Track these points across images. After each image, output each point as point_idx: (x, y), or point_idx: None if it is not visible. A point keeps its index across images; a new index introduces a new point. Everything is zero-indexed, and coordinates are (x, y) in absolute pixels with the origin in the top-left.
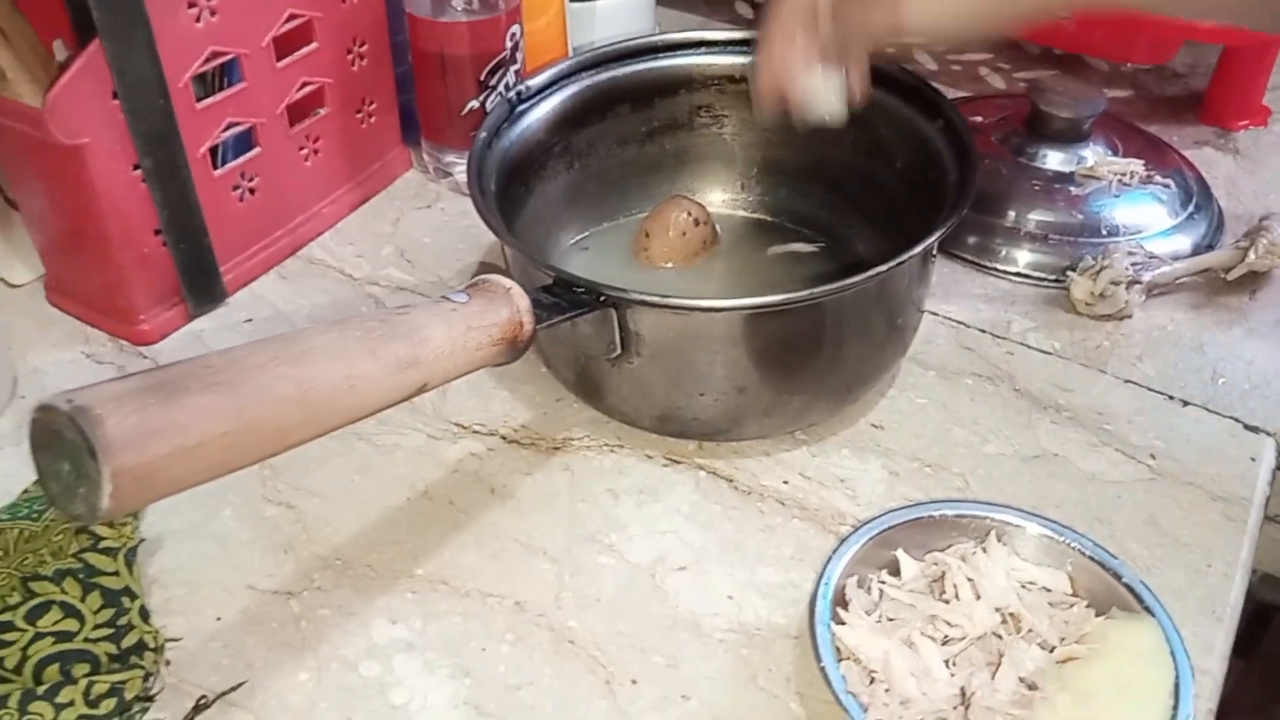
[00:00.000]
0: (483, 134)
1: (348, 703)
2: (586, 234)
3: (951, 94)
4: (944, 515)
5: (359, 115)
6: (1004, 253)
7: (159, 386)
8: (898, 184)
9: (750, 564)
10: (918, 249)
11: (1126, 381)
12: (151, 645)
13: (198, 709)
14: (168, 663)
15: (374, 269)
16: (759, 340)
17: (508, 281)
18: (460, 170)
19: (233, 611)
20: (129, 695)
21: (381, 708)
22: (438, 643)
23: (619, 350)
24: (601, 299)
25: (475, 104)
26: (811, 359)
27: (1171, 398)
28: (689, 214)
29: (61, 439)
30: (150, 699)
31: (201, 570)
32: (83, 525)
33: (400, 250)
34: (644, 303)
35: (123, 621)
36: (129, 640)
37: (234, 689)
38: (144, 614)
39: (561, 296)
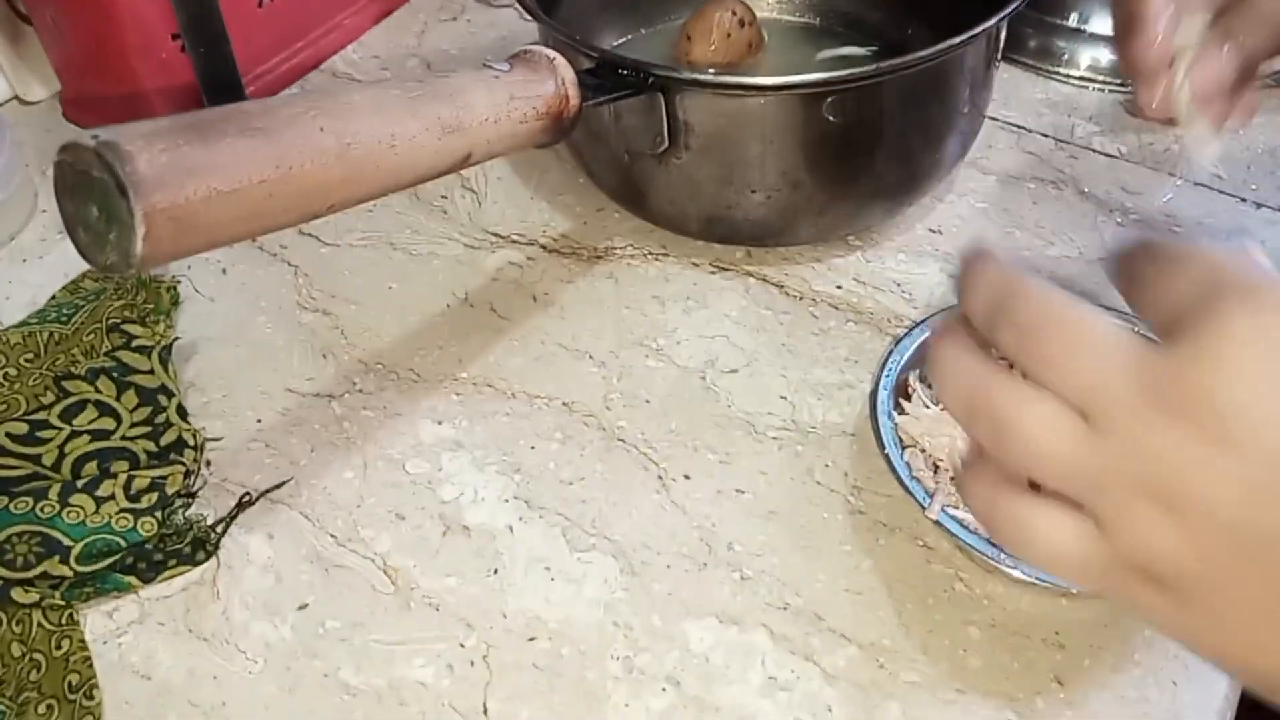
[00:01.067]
0: None
1: (395, 498)
2: (624, 40)
3: None
4: None
5: None
6: (1067, 55)
7: (193, 127)
8: None
9: (804, 366)
10: (984, 25)
11: (1196, 185)
12: (191, 443)
13: (241, 506)
14: (208, 463)
15: (398, 80)
16: (815, 128)
17: (551, 52)
18: None
19: (273, 414)
20: (170, 490)
21: (430, 502)
22: (485, 441)
23: (666, 143)
24: (650, 81)
25: None
26: (869, 151)
27: (1244, 200)
28: (734, 13)
29: (89, 179)
30: (193, 495)
31: (238, 374)
32: (117, 275)
33: (427, 63)
34: (695, 82)
35: (160, 419)
36: (168, 438)
37: (278, 486)
38: (181, 412)
39: (606, 78)
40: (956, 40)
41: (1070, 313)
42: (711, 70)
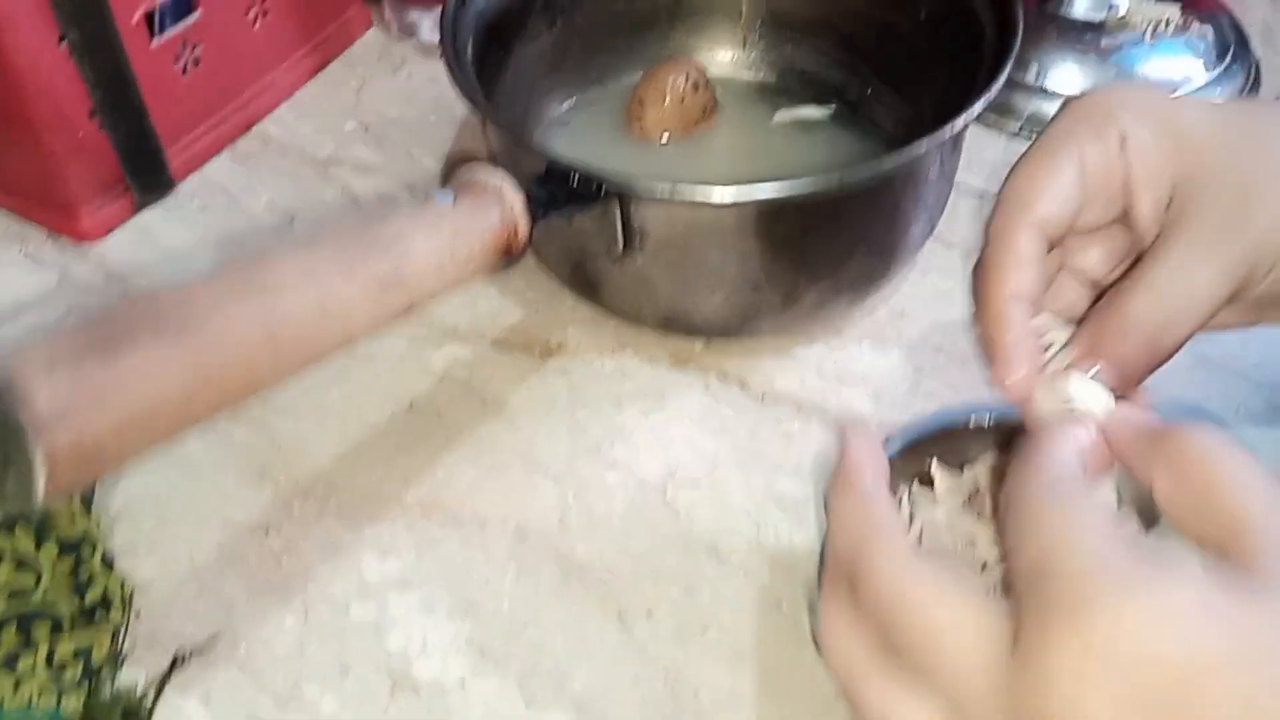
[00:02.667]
0: None
1: (339, 648)
2: (573, 100)
3: None
4: (979, 423)
5: None
6: (1029, 113)
7: (100, 341)
8: (920, 38)
9: (768, 474)
10: (948, 129)
11: None
12: (118, 597)
13: (175, 666)
14: (138, 613)
15: (338, 147)
16: (778, 232)
17: (498, 176)
18: (426, 29)
19: (207, 549)
20: (97, 658)
21: (377, 652)
22: (435, 576)
23: (621, 248)
24: (602, 190)
25: None
26: (835, 250)
27: None
28: (687, 77)
29: None
30: (121, 658)
31: (170, 501)
32: (13, 518)
33: (365, 125)
34: (651, 195)
35: (84, 574)
36: (93, 594)
37: (212, 640)
38: (108, 562)
39: (557, 187)
40: (921, 145)
41: (922, 601)
42: (665, 138)
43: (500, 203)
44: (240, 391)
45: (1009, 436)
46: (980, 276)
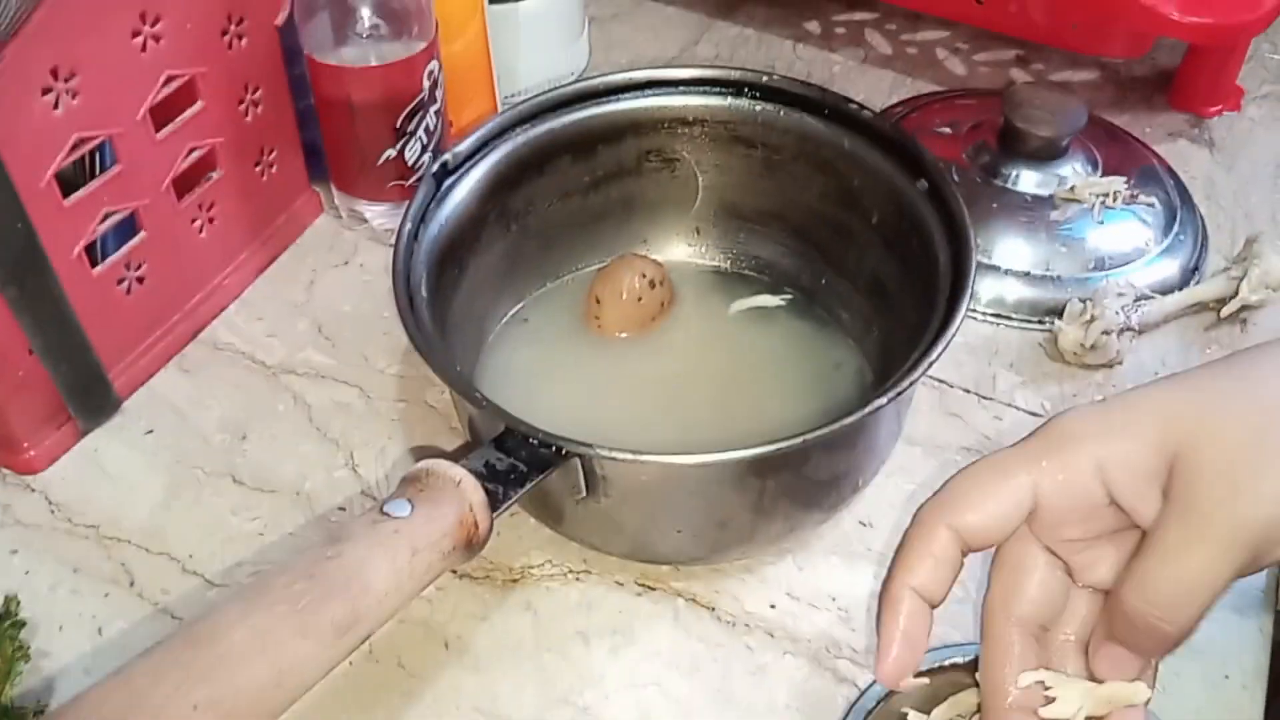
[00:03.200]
0: (407, 226)
1: None
2: (530, 298)
3: (911, 85)
4: (953, 662)
5: (258, 168)
6: (975, 290)
7: None
8: (874, 238)
9: (742, 717)
10: (908, 381)
11: None
12: None
13: None
14: None
15: (289, 351)
16: (745, 485)
17: (456, 471)
18: (378, 219)
19: None
20: None
21: None
22: None
23: (584, 494)
24: (564, 453)
25: (392, 153)
26: (803, 488)
27: None
28: (644, 275)
29: None
30: None
31: None
32: None
33: (317, 324)
34: (614, 459)
35: None
36: None
37: None
38: None
39: (516, 450)
40: (882, 401)
41: None
42: (624, 334)
43: (459, 501)
44: None
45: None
46: (893, 561)
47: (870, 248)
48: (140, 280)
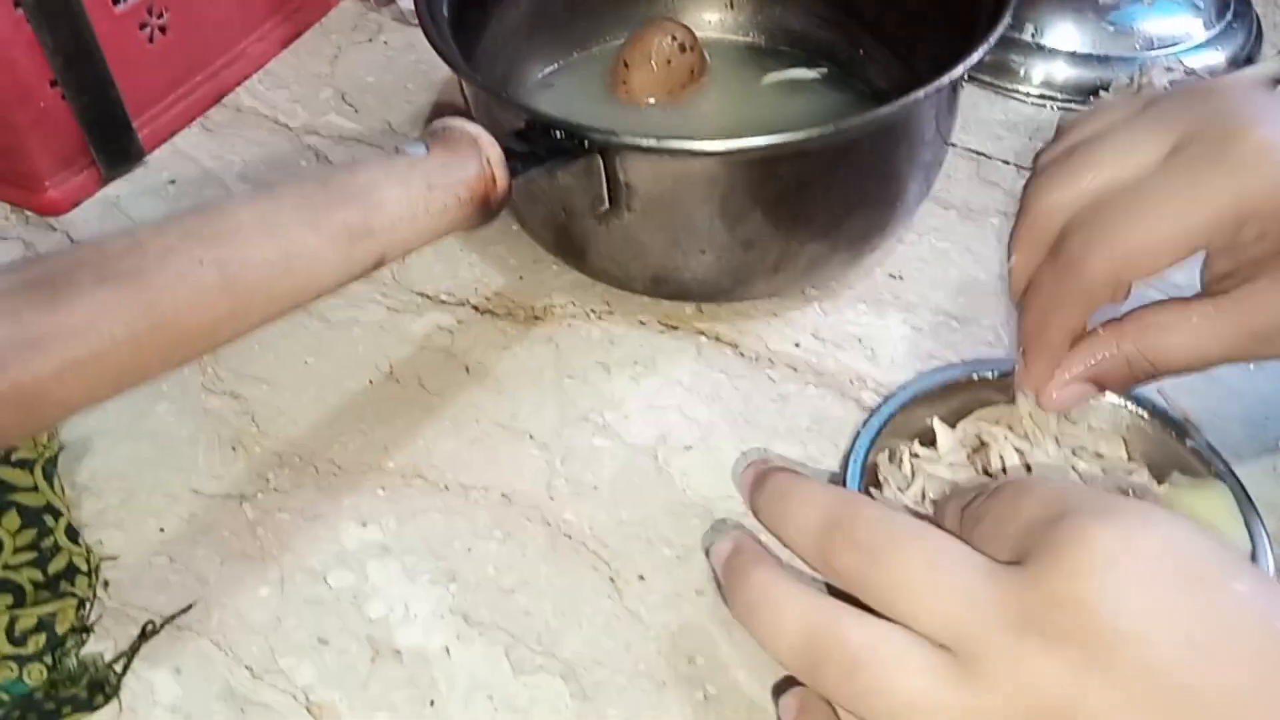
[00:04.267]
0: None
1: (317, 618)
2: (555, 66)
3: None
4: (982, 377)
5: None
6: (1024, 71)
7: (39, 283)
8: None
9: (764, 438)
10: (947, 76)
11: None
12: (84, 568)
13: (144, 637)
14: (105, 584)
15: (312, 116)
16: (770, 187)
17: (474, 128)
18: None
19: (177, 520)
20: (61, 628)
21: (357, 622)
22: (416, 544)
23: (607, 205)
24: (586, 144)
25: None
26: (828, 206)
27: None
28: (673, 38)
29: None
30: (87, 629)
31: (138, 474)
32: None
33: (341, 93)
34: (636, 147)
35: (47, 543)
36: (57, 564)
37: (184, 610)
38: (72, 533)
39: (538, 143)
40: (913, 96)
41: (920, 533)
42: (652, 99)
43: (477, 154)
44: (198, 341)
45: (1011, 390)
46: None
47: (910, 4)
48: (163, 30)
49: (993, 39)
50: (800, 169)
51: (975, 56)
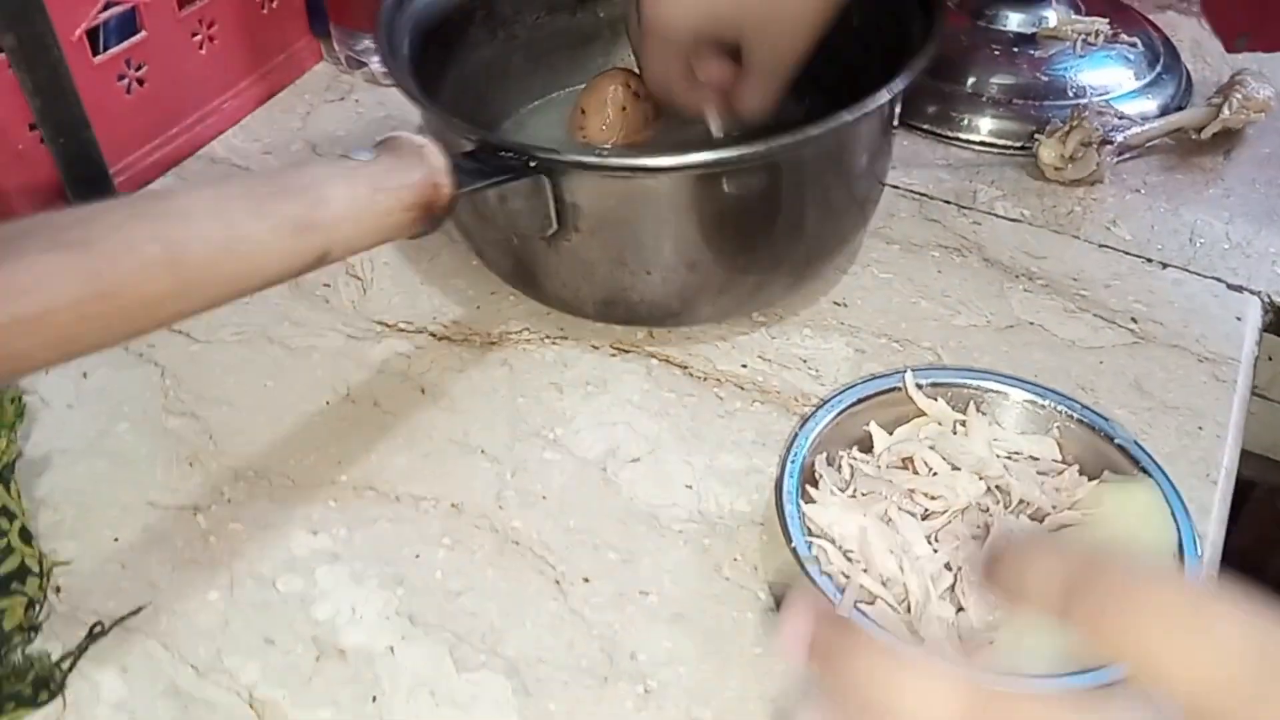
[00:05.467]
0: None
1: (264, 620)
2: (517, 113)
3: None
4: (918, 385)
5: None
6: (965, 120)
7: None
8: (855, 48)
9: (709, 451)
10: (885, 93)
11: (1101, 246)
12: (36, 569)
13: (92, 637)
14: (57, 589)
15: (283, 165)
16: (710, 206)
17: (420, 138)
18: (377, 63)
19: (132, 531)
20: (8, 625)
21: (303, 623)
22: (366, 551)
23: (555, 226)
24: (532, 164)
25: None
26: (767, 228)
27: (1150, 260)
28: (629, 86)
29: None
30: (35, 628)
31: (95, 489)
32: None
33: (311, 144)
34: (580, 165)
35: (0, 545)
36: (8, 565)
37: (134, 613)
38: (25, 535)
39: (487, 163)
40: (849, 116)
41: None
42: (607, 147)
43: (422, 162)
44: (142, 314)
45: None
46: None
47: (852, 60)
48: (141, 82)
49: (915, 69)
50: (737, 189)
51: (898, 84)
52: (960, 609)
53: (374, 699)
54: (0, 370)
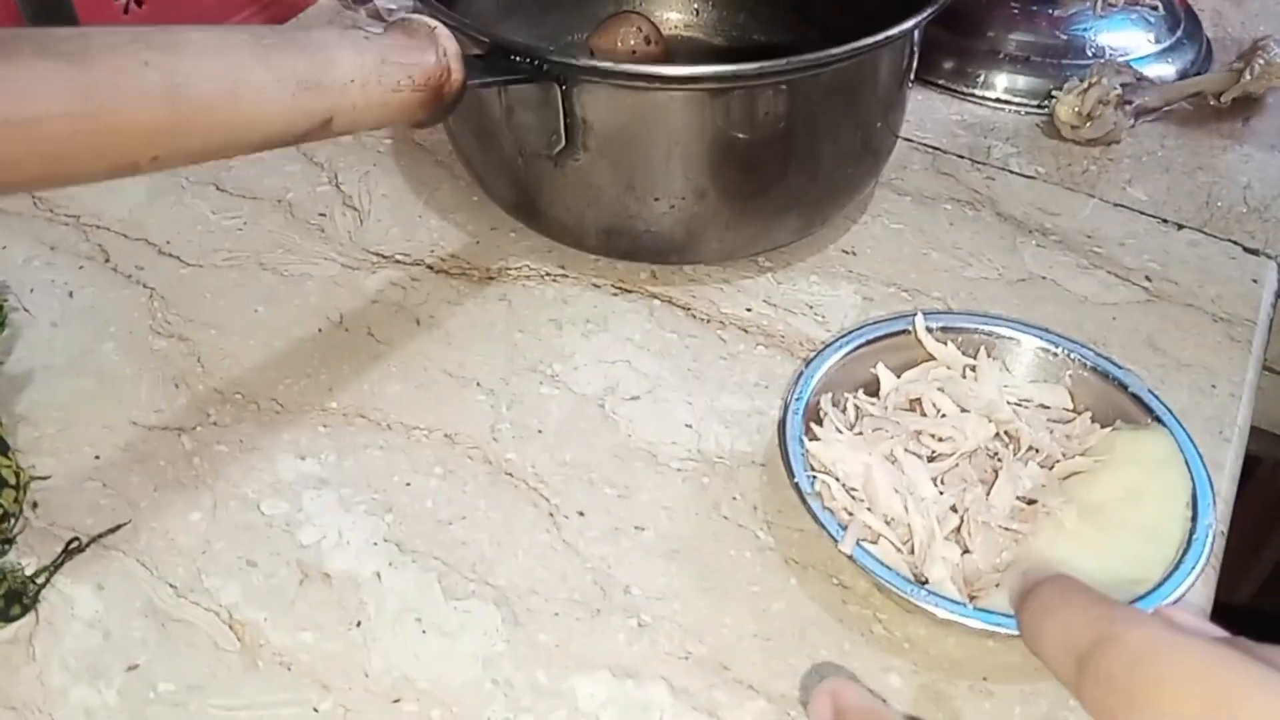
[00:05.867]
0: None
1: (247, 542)
2: None
3: None
4: (928, 329)
5: None
6: (982, 77)
7: None
8: None
9: (711, 392)
10: (901, 27)
11: (1116, 205)
12: (11, 481)
13: (69, 553)
14: (34, 505)
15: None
16: (725, 129)
17: (432, 21)
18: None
19: (113, 449)
20: None
21: (287, 547)
22: (355, 477)
23: (563, 142)
24: (545, 68)
25: None
26: (778, 160)
27: (1165, 221)
28: (640, 30)
29: None
30: (9, 540)
31: (78, 407)
32: None
33: None
34: (594, 70)
35: None
36: None
37: (113, 530)
38: (2, 447)
39: (496, 65)
40: (867, 41)
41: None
42: None
43: (434, 44)
44: (134, 144)
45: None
46: None
47: (868, 6)
48: (139, 3)
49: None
50: (752, 112)
51: (909, 24)
52: (966, 551)
53: (358, 624)
54: None
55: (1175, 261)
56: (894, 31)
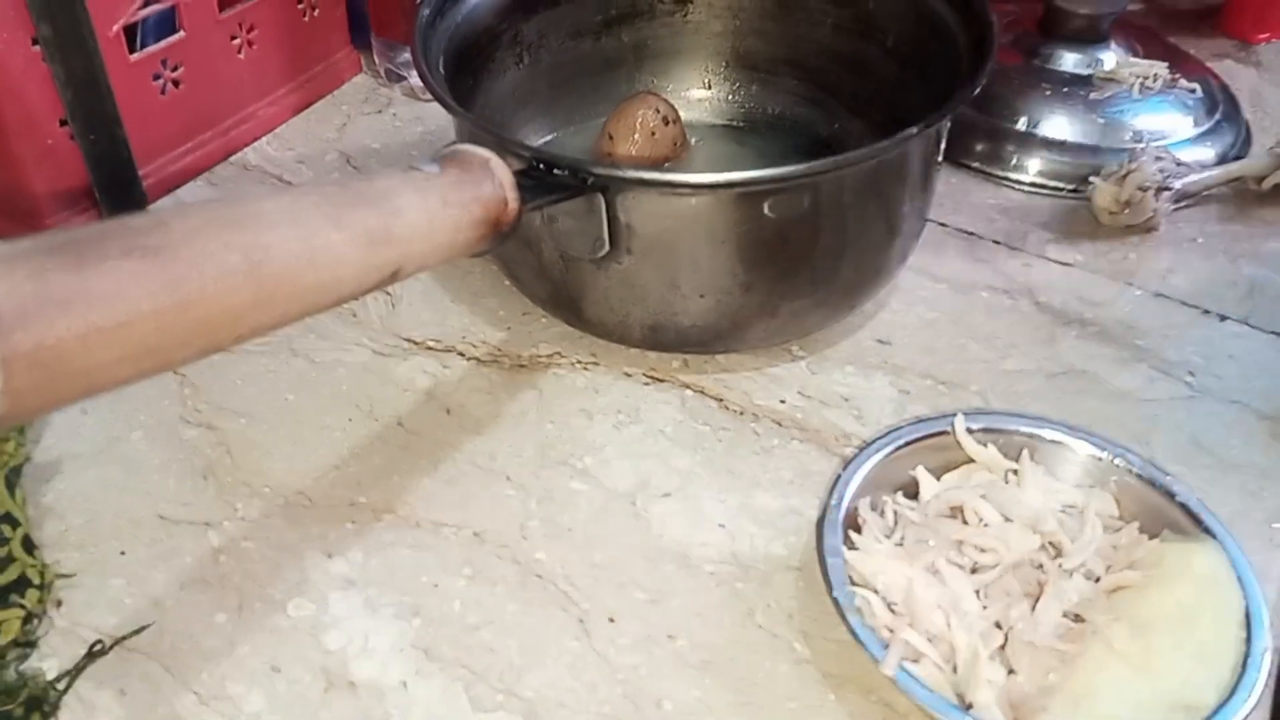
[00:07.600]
0: (425, 11)
1: (273, 647)
2: (544, 140)
3: None
4: (969, 430)
5: (300, 6)
6: (1016, 160)
7: (66, 247)
8: (890, 65)
9: (745, 489)
10: (916, 128)
11: (1157, 295)
12: (36, 581)
13: (91, 656)
14: (59, 603)
15: (317, 175)
16: (766, 226)
17: (485, 151)
18: (415, 75)
19: (139, 545)
20: (3, 640)
21: (313, 652)
22: (382, 577)
23: (607, 247)
24: (590, 181)
25: None
26: (812, 250)
27: (1207, 312)
28: (657, 111)
29: None
30: (32, 644)
31: (105, 499)
32: None
33: (346, 155)
34: (640, 182)
35: (1, 553)
36: (8, 575)
37: (136, 632)
38: (28, 545)
39: (542, 180)
40: (899, 136)
41: None
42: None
43: (490, 175)
44: (221, 328)
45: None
46: None
47: (886, 75)
48: (176, 84)
49: (973, 87)
50: (796, 204)
51: (943, 114)
52: (1011, 671)
53: None
54: (77, 387)
55: (1219, 355)
56: (930, 121)
